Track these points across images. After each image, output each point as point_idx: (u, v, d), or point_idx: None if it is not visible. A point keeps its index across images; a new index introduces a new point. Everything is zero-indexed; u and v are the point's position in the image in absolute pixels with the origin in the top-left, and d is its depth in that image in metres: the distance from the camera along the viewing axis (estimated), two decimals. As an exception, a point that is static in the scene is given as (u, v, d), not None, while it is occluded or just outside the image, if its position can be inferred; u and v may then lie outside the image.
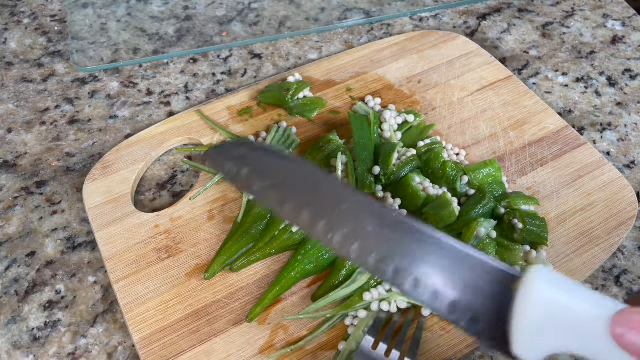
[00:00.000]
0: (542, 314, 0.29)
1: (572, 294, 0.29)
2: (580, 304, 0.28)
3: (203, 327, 0.47)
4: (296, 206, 0.37)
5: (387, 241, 0.35)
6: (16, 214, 0.56)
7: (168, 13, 0.76)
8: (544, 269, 0.30)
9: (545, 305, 0.29)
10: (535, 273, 0.30)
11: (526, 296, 0.30)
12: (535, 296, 0.29)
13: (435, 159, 0.55)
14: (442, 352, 0.45)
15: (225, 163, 0.42)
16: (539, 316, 0.29)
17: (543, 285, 0.29)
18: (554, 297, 0.29)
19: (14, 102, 0.66)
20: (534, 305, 0.30)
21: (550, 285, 0.29)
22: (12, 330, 0.48)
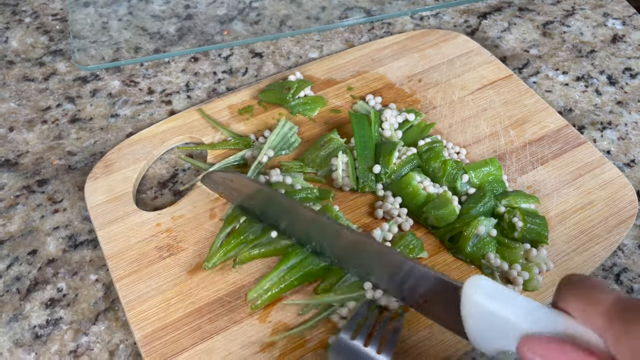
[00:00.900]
0: (479, 319, 0.34)
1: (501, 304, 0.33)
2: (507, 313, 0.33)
3: (204, 325, 0.47)
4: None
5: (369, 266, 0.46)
6: (18, 212, 0.56)
7: (169, 12, 0.76)
8: (478, 278, 0.34)
9: (480, 312, 0.34)
10: (469, 282, 0.34)
11: (465, 304, 0.35)
12: (471, 304, 0.34)
13: (435, 158, 0.55)
14: (441, 350, 0.46)
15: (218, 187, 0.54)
16: (477, 321, 0.34)
17: (476, 294, 0.34)
18: (486, 305, 0.33)
19: (15, 100, 0.66)
20: (471, 312, 0.34)
21: (482, 293, 0.34)
22: (14, 328, 0.49)
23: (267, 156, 0.57)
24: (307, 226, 0.49)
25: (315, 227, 0.48)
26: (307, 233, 0.49)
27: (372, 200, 0.55)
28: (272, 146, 0.58)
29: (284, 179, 0.54)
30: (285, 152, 0.58)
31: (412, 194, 0.53)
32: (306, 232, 0.49)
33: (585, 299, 0.31)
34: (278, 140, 0.58)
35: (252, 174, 0.56)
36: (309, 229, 0.49)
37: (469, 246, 0.50)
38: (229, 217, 0.53)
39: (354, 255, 0.47)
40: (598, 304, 0.30)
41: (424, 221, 0.53)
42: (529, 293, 0.49)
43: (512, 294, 0.33)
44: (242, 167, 0.58)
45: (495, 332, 0.34)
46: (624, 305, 0.30)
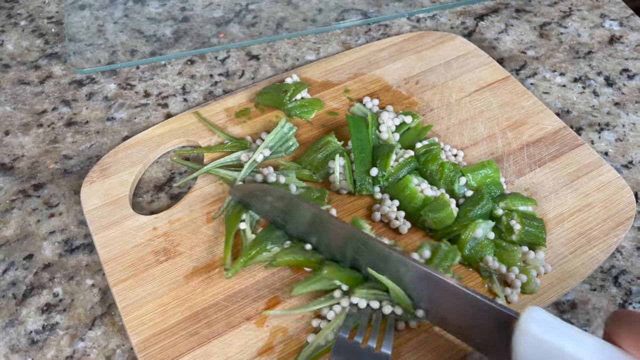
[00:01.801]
0: (534, 351, 0.33)
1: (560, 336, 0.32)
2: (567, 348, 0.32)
3: (201, 330, 0.47)
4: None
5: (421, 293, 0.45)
6: (13, 216, 0.56)
7: (165, 14, 0.76)
8: (536, 310, 0.34)
9: (537, 346, 0.33)
10: (528, 314, 0.34)
11: (521, 335, 0.34)
12: (528, 336, 0.33)
13: (433, 160, 0.55)
14: (441, 353, 0.45)
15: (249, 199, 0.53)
16: (531, 352, 0.33)
17: (535, 326, 0.33)
18: (545, 339, 0.33)
19: (11, 104, 0.66)
20: (527, 346, 0.33)
21: (541, 325, 0.33)
22: (9, 333, 0.48)
23: (263, 155, 0.57)
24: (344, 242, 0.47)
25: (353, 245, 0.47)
26: (342, 249, 0.48)
27: (369, 203, 0.55)
28: (269, 146, 0.57)
29: (277, 178, 0.54)
30: (282, 155, 0.58)
31: (410, 196, 0.53)
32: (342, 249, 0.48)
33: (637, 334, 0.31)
34: (276, 141, 0.58)
35: (246, 172, 0.56)
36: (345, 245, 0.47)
37: (467, 249, 0.50)
38: (230, 217, 0.53)
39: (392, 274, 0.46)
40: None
41: (422, 224, 0.53)
42: (526, 296, 0.48)
43: (571, 327, 0.33)
44: (238, 168, 0.57)
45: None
46: None
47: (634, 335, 0.31)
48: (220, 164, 0.57)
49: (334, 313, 0.47)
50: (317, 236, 0.49)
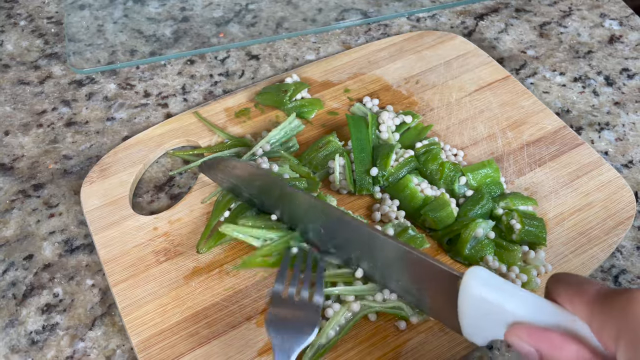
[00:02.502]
0: (476, 308, 0.35)
1: (499, 294, 0.34)
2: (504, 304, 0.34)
3: (202, 330, 0.47)
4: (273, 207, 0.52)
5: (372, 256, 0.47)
6: (13, 217, 0.56)
7: (165, 14, 0.76)
8: (478, 270, 0.36)
9: (476, 301, 0.35)
10: (469, 273, 0.36)
11: (463, 293, 0.36)
12: (469, 294, 0.35)
13: (433, 160, 0.55)
14: (441, 353, 0.45)
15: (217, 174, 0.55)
16: (474, 310, 0.36)
17: (475, 284, 0.35)
18: (484, 295, 0.35)
19: (10, 104, 0.66)
20: (469, 301, 0.36)
21: (481, 284, 0.35)
22: (10, 334, 0.48)
23: (262, 150, 0.57)
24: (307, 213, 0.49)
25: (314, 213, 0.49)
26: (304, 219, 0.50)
27: (369, 202, 0.55)
28: (272, 142, 0.57)
29: (270, 166, 0.55)
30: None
31: (410, 196, 0.53)
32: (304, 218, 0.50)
33: (572, 290, 0.33)
34: (280, 136, 0.58)
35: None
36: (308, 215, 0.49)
37: (467, 249, 0.50)
38: (219, 203, 0.54)
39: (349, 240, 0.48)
40: (583, 294, 0.32)
41: (422, 224, 0.53)
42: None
43: (509, 285, 0.35)
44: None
45: (489, 321, 0.35)
46: (605, 292, 0.32)
47: (568, 291, 0.33)
48: (218, 156, 0.57)
49: (332, 311, 0.47)
50: (281, 208, 0.51)
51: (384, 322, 0.47)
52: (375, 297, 0.47)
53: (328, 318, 0.47)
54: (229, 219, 0.52)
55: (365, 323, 0.47)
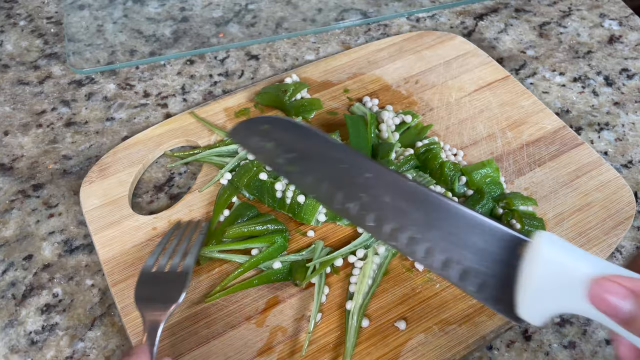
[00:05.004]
0: (546, 274, 0.31)
1: (573, 256, 0.30)
2: (580, 265, 0.30)
3: (201, 330, 0.47)
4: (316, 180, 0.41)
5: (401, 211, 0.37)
6: (13, 217, 0.56)
7: (164, 14, 0.76)
8: (549, 234, 0.31)
9: (549, 265, 0.31)
10: (541, 236, 0.31)
11: (532, 258, 0.31)
12: (541, 258, 0.31)
13: (433, 159, 0.55)
14: (440, 353, 0.45)
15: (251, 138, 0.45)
16: (543, 276, 0.31)
17: (548, 248, 0.31)
18: (557, 258, 0.30)
19: (10, 104, 0.66)
20: (539, 266, 0.31)
21: (554, 247, 0.31)
22: (9, 334, 0.48)
23: None
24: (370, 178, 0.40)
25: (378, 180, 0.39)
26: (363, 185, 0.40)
27: (369, 203, 0.55)
28: None
29: None
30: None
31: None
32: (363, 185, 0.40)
33: None
34: None
35: (241, 157, 0.56)
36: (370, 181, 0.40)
37: (467, 249, 0.50)
38: (220, 198, 0.54)
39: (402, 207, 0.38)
40: None
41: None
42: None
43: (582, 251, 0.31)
44: (239, 170, 0.57)
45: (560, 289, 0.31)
46: None
47: None
48: (216, 152, 0.57)
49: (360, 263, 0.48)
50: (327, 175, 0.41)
51: (384, 322, 0.47)
52: None
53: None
54: (229, 218, 0.52)
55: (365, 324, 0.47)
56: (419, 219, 0.37)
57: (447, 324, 0.47)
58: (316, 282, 0.49)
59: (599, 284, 0.29)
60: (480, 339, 0.46)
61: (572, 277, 0.30)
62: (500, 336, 0.48)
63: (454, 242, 0.35)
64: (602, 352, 0.47)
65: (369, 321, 0.47)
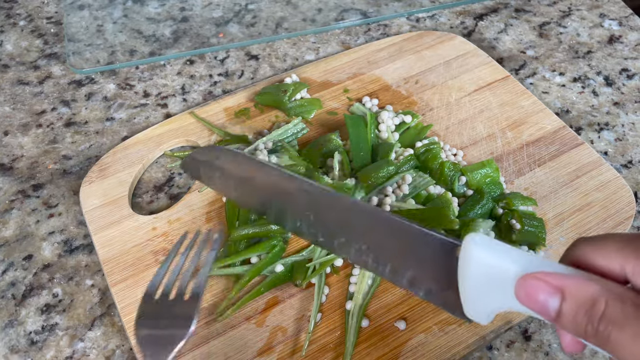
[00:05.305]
0: (477, 275, 0.32)
1: (501, 255, 0.31)
2: (507, 264, 0.30)
3: (201, 330, 0.47)
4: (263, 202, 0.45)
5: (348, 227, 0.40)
6: (13, 217, 0.56)
7: (164, 14, 0.76)
8: (479, 235, 0.32)
9: (479, 267, 0.31)
10: (469, 239, 0.32)
11: (464, 261, 0.32)
12: (471, 260, 0.31)
13: (433, 159, 0.55)
14: (440, 353, 0.45)
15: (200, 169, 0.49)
16: (476, 278, 0.32)
17: (476, 249, 0.31)
18: (485, 259, 0.31)
19: (10, 104, 0.66)
20: (470, 268, 0.32)
21: (482, 248, 0.31)
22: (9, 334, 0.48)
23: (264, 146, 0.56)
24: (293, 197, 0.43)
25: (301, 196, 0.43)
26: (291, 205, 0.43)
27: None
28: (274, 139, 0.57)
29: (269, 158, 0.55)
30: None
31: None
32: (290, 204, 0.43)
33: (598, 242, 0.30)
34: (283, 137, 0.58)
35: None
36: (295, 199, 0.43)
37: (467, 249, 0.50)
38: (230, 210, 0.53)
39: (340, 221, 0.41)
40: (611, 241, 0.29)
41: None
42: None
43: (512, 248, 0.32)
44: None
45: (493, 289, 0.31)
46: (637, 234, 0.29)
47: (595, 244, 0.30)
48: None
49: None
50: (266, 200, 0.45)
51: (384, 322, 0.47)
52: None
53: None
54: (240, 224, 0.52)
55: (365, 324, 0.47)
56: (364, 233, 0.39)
57: (447, 324, 0.47)
58: (316, 282, 0.49)
59: (524, 282, 0.29)
60: (480, 339, 0.46)
61: (501, 276, 0.31)
62: (500, 336, 0.48)
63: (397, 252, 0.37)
64: (602, 352, 0.47)
65: (368, 321, 0.47)
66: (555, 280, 0.28)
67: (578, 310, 0.28)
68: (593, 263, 0.30)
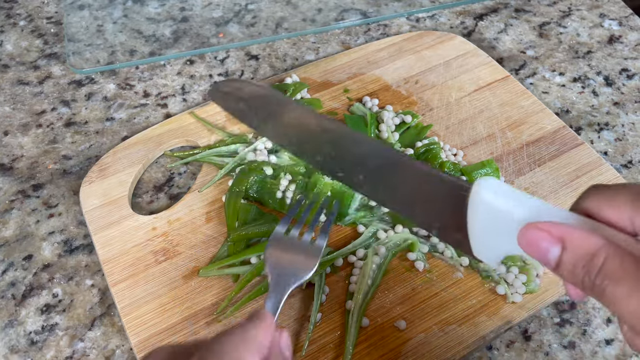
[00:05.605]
0: (485, 218, 0.32)
1: (509, 200, 0.31)
2: (514, 209, 0.30)
3: (201, 330, 0.47)
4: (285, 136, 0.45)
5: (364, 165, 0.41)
6: (13, 217, 0.56)
7: (164, 14, 0.76)
8: (490, 179, 0.32)
9: (487, 210, 0.32)
10: (480, 182, 0.32)
11: (474, 204, 0.32)
12: (480, 203, 0.32)
13: (433, 159, 0.55)
14: (440, 353, 0.45)
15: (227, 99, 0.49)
16: (484, 221, 0.32)
17: (485, 193, 0.32)
18: (495, 203, 0.31)
19: (10, 104, 0.66)
20: (479, 211, 0.32)
21: (491, 192, 0.31)
22: (9, 334, 0.48)
23: (264, 146, 0.56)
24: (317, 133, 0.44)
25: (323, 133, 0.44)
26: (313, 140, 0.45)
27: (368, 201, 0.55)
28: None
29: (268, 158, 0.55)
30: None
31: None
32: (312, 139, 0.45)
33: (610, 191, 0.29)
34: None
35: (242, 156, 0.56)
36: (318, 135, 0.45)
37: (467, 249, 0.50)
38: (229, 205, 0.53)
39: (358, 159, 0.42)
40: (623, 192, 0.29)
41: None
42: (526, 295, 0.48)
43: (521, 194, 0.32)
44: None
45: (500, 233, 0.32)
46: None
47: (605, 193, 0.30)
48: (216, 152, 0.57)
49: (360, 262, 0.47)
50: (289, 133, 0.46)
51: (384, 322, 0.47)
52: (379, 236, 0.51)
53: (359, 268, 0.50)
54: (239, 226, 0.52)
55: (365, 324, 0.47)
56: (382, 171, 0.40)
57: (446, 324, 0.47)
58: (316, 282, 0.49)
59: (526, 230, 0.29)
60: (480, 339, 0.46)
61: (507, 221, 0.31)
62: (500, 336, 0.48)
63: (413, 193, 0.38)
64: (602, 352, 0.47)
65: (369, 321, 0.47)
66: (558, 230, 0.28)
67: (577, 262, 0.28)
68: (603, 214, 0.29)
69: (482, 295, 0.48)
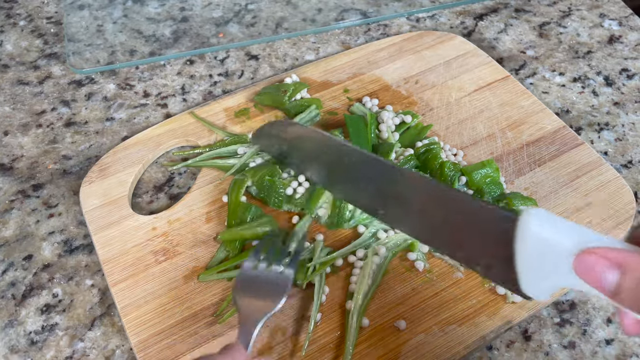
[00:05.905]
0: (535, 250, 0.31)
1: (559, 230, 0.30)
2: (565, 239, 0.30)
3: (201, 330, 0.47)
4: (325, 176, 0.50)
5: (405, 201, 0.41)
6: (13, 217, 0.56)
7: (164, 14, 0.76)
8: (536, 209, 0.32)
9: (537, 242, 0.31)
10: (528, 213, 0.31)
11: (522, 236, 0.31)
12: (529, 234, 0.31)
13: (433, 160, 0.55)
14: (440, 353, 0.45)
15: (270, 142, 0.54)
16: (533, 253, 0.31)
17: (534, 224, 0.31)
18: (543, 234, 0.30)
19: (10, 104, 0.66)
20: (528, 243, 0.31)
21: (540, 223, 0.31)
22: (9, 334, 0.48)
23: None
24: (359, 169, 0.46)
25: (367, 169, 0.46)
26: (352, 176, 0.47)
27: (369, 203, 0.55)
28: None
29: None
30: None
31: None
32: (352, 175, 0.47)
33: None
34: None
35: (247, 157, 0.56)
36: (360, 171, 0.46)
37: (467, 249, 0.50)
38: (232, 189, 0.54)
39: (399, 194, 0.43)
40: None
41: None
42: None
43: (570, 223, 0.31)
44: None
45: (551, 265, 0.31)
46: None
47: None
48: (216, 154, 0.57)
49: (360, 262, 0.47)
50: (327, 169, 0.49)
51: (384, 322, 0.47)
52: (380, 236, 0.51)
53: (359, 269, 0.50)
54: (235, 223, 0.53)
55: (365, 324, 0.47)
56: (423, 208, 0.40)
57: (447, 324, 0.47)
58: (316, 282, 0.49)
59: (583, 256, 0.29)
60: (480, 339, 0.46)
61: (559, 251, 0.30)
62: (500, 336, 0.48)
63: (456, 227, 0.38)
64: (602, 352, 0.47)
65: (369, 321, 0.47)
66: (615, 255, 0.28)
67: (638, 285, 0.27)
68: None
69: (482, 295, 0.48)
